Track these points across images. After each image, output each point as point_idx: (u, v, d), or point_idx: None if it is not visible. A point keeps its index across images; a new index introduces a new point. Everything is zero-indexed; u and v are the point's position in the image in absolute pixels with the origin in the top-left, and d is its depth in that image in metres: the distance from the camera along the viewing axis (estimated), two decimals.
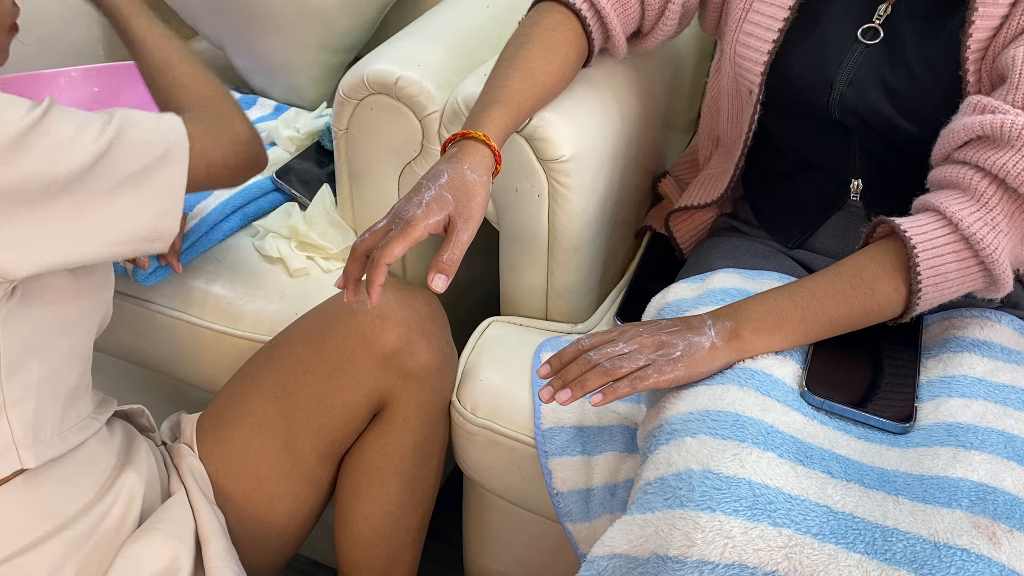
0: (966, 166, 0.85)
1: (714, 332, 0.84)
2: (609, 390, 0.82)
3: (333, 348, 0.97)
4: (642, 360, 0.82)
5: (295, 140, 1.35)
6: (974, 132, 0.84)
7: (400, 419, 1.00)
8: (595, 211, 1.07)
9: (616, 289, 1.22)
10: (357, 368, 0.97)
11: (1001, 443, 0.79)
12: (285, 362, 0.99)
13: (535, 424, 1.01)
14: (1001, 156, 0.82)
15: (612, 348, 0.83)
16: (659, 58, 1.19)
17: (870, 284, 0.85)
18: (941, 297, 0.86)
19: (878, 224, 0.89)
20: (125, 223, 0.80)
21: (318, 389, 0.97)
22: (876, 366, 0.90)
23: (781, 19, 0.98)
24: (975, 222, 0.83)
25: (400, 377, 0.98)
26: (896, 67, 0.94)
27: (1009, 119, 0.82)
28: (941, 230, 0.84)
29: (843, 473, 0.78)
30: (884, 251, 0.86)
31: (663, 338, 0.83)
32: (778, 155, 1.09)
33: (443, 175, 0.86)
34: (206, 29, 1.50)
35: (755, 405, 0.80)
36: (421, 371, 0.99)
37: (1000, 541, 0.71)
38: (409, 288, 1.02)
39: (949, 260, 0.84)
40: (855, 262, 0.87)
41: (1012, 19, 0.87)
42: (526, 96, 0.96)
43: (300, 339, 1.00)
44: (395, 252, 0.82)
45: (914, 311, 0.86)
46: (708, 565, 0.71)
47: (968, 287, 0.86)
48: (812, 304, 0.85)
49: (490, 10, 1.21)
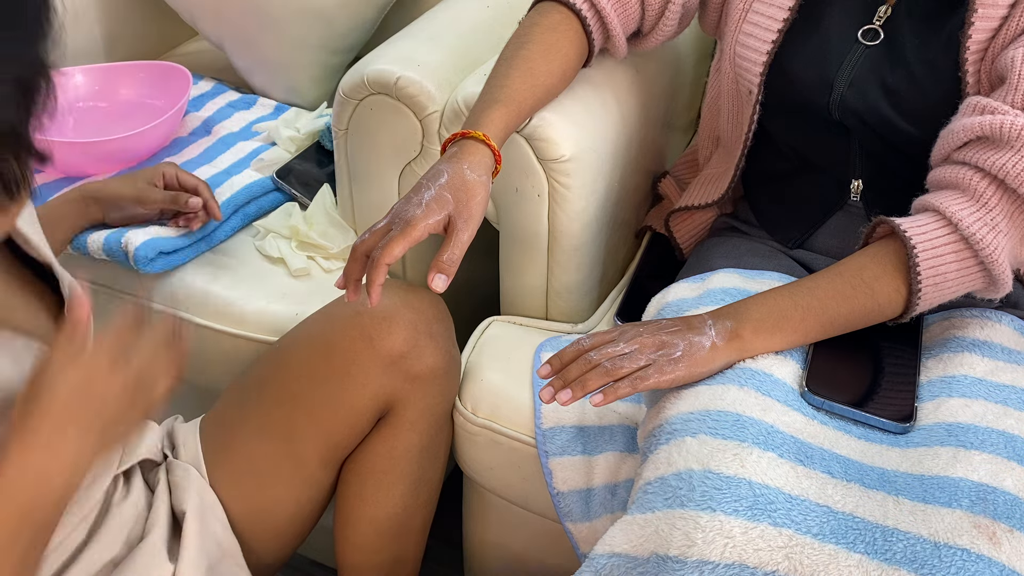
0: (966, 166, 0.85)
1: (714, 332, 0.84)
2: (610, 390, 0.82)
3: (338, 351, 0.95)
4: (643, 360, 0.82)
5: (295, 140, 1.35)
6: (974, 133, 0.84)
7: (407, 423, 0.99)
8: (595, 211, 1.07)
9: (616, 289, 1.22)
10: (363, 371, 0.95)
11: (1001, 443, 0.79)
12: (289, 365, 0.98)
13: (535, 424, 1.01)
14: (1000, 156, 0.82)
15: (613, 348, 0.83)
16: (659, 58, 1.19)
17: (870, 284, 0.85)
18: (941, 297, 0.86)
19: (878, 224, 0.89)
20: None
21: (323, 393, 0.96)
22: (876, 366, 0.90)
23: (781, 20, 0.98)
24: (975, 222, 0.83)
25: (406, 380, 0.97)
26: (896, 68, 0.94)
27: (1008, 120, 0.82)
28: (941, 230, 0.84)
29: (843, 473, 0.78)
30: (884, 251, 0.87)
31: (664, 338, 0.83)
32: (778, 155, 1.09)
33: (443, 175, 0.86)
34: (206, 29, 1.50)
35: (755, 405, 0.80)
36: (428, 374, 0.97)
37: (1000, 541, 0.71)
38: (415, 290, 1.00)
39: (949, 260, 0.84)
40: (855, 262, 0.87)
41: (1011, 20, 0.87)
42: (526, 96, 0.96)
43: (305, 342, 0.99)
44: (395, 252, 0.82)
45: (914, 311, 0.86)
46: (708, 565, 0.71)
47: (968, 287, 0.87)
48: (812, 304, 0.85)
49: (490, 10, 1.21)
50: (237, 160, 1.33)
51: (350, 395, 0.96)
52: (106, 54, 1.55)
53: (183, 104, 1.32)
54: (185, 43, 1.71)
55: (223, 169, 1.30)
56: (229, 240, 1.23)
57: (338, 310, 0.99)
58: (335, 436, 0.97)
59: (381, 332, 0.95)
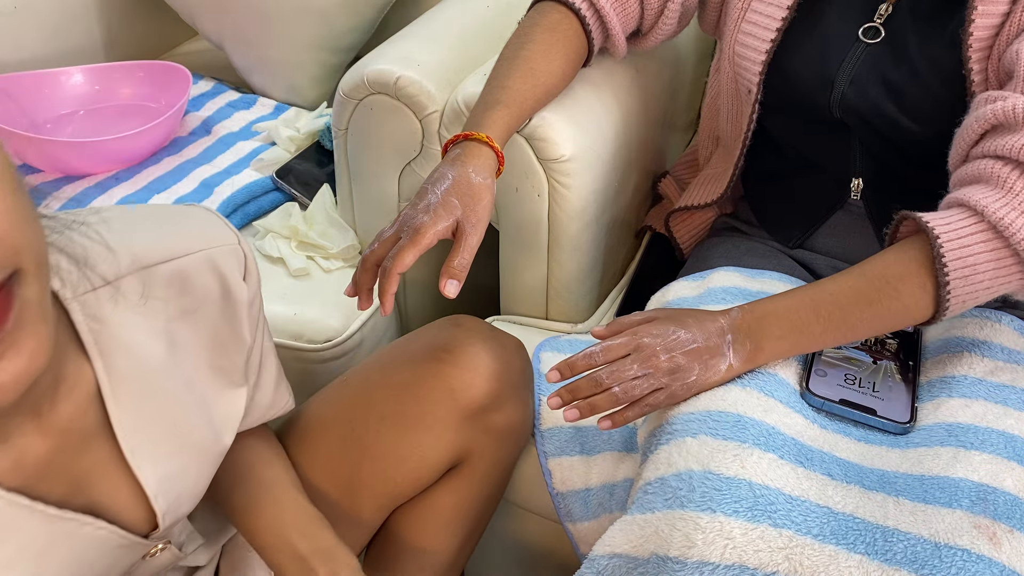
0: (984, 159, 0.82)
1: (732, 352, 0.82)
2: (618, 416, 0.82)
3: (413, 398, 0.88)
4: (655, 384, 0.81)
5: (295, 140, 1.35)
6: (987, 122, 0.82)
7: (479, 475, 0.92)
8: (595, 211, 1.07)
9: (616, 289, 1.21)
10: (440, 422, 0.88)
11: (1001, 443, 0.79)
12: (359, 404, 0.90)
13: (535, 424, 1.00)
14: (1018, 139, 0.79)
15: (625, 372, 0.81)
16: (659, 58, 1.19)
17: (895, 284, 0.81)
18: (974, 293, 0.80)
19: (901, 222, 0.85)
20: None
21: (393, 440, 0.88)
22: (877, 366, 0.90)
23: (780, 19, 0.98)
24: (1001, 207, 0.78)
25: (484, 433, 0.90)
26: (898, 66, 0.94)
27: (1021, 101, 0.79)
28: (967, 220, 0.80)
29: (843, 475, 0.78)
30: (908, 248, 0.82)
31: (680, 360, 0.81)
32: (778, 155, 1.09)
33: (448, 179, 0.86)
34: (206, 28, 1.50)
35: (757, 406, 0.80)
36: (507, 427, 0.92)
37: (1000, 541, 0.71)
38: (499, 336, 0.93)
39: (978, 251, 0.79)
40: (879, 262, 0.83)
41: (1013, 16, 0.86)
42: (527, 96, 0.96)
43: (376, 381, 0.91)
44: (406, 261, 0.82)
45: (946, 309, 0.80)
46: (708, 566, 0.71)
47: (1004, 283, 0.80)
48: (834, 313, 0.82)
49: (490, 10, 1.21)
50: (237, 160, 1.33)
51: (421, 445, 0.88)
52: (106, 54, 1.55)
53: (183, 104, 1.32)
54: (185, 43, 1.71)
55: (223, 169, 1.30)
56: None
57: (413, 350, 0.91)
58: (398, 485, 0.90)
59: (465, 383, 0.88)
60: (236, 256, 0.73)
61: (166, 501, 0.69)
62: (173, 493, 0.70)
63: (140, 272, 0.66)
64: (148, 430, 0.67)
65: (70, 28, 1.49)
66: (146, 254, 0.67)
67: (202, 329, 0.71)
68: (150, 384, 0.67)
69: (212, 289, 0.70)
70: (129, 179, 1.27)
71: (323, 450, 0.90)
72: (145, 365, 0.66)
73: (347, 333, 1.14)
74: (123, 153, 1.28)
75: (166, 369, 0.68)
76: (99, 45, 1.54)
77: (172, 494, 0.70)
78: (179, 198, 1.24)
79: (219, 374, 0.73)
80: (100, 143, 1.25)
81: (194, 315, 0.70)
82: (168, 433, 0.69)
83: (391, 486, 0.90)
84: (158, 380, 0.67)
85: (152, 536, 0.70)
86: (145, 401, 0.67)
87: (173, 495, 0.70)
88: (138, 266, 0.66)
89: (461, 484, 0.92)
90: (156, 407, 0.68)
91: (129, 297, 0.65)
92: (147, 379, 0.67)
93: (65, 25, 1.48)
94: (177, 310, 0.69)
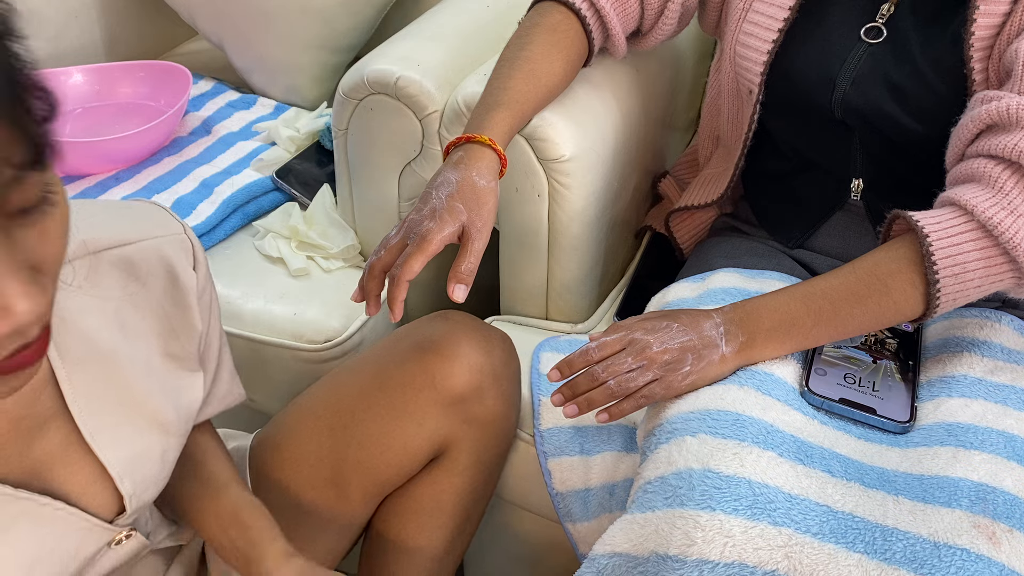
0: (979, 158, 0.83)
1: (725, 343, 0.83)
2: (615, 409, 0.83)
3: (398, 387, 0.90)
4: (650, 375, 0.82)
5: (295, 140, 1.35)
6: (982, 122, 0.82)
7: (459, 467, 0.94)
8: (595, 211, 1.07)
9: (616, 289, 1.22)
10: (421, 410, 0.90)
11: (1001, 443, 0.79)
12: (346, 394, 0.93)
13: (534, 424, 1.01)
14: (1011, 139, 0.80)
15: (619, 365, 0.82)
16: (659, 58, 1.19)
17: (884, 281, 0.82)
18: (965, 291, 0.81)
19: (893, 221, 0.87)
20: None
21: (377, 427, 0.91)
22: (876, 366, 0.90)
23: (781, 19, 0.98)
24: (991, 207, 0.79)
25: (464, 423, 0.92)
26: (901, 65, 0.94)
27: (1015, 101, 0.80)
28: (956, 219, 0.81)
29: (843, 473, 0.78)
30: (899, 246, 0.83)
31: (674, 352, 0.82)
32: (779, 155, 1.09)
33: (452, 183, 0.86)
34: (206, 29, 1.50)
35: (755, 404, 0.80)
36: (488, 418, 0.93)
37: (1000, 541, 0.71)
38: (483, 329, 0.95)
39: (968, 250, 0.80)
40: (870, 259, 0.85)
41: (1014, 16, 0.86)
42: (529, 97, 0.96)
43: (364, 373, 0.94)
44: (414, 268, 0.82)
45: (936, 307, 0.82)
46: (708, 564, 0.71)
47: (995, 281, 0.82)
48: (825, 308, 0.83)
49: (490, 10, 1.21)
50: (237, 160, 1.33)
51: (404, 433, 0.91)
52: (106, 54, 1.55)
53: (183, 104, 1.32)
54: (185, 43, 1.71)
55: (223, 169, 1.30)
56: (228, 239, 1.23)
57: (401, 343, 0.94)
58: (383, 473, 0.92)
59: (444, 372, 0.90)
60: (183, 245, 0.75)
61: (132, 483, 0.70)
62: (139, 475, 0.71)
63: (88, 257, 0.68)
64: (107, 413, 0.68)
65: (70, 28, 1.49)
66: (94, 241, 0.69)
67: (150, 315, 0.72)
68: (106, 367, 0.68)
69: (159, 276, 0.72)
70: (129, 179, 1.27)
71: (314, 441, 0.92)
72: (99, 348, 0.68)
73: (347, 333, 1.14)
74: (123, 153, 1.28)
75: (122, 353, 0.69)
76: (99, 45, 1.54)
77: (138, 475, 0.70)
78: (179, 198, 1.24)
79: (172, 360, 0.75)
80: (100, 143, 1.25)
81: (142, 301, 0.72)
82: (129, 415, 0.70)
83: (376, 474, 0.92)
84: (114, 363, 0.69)
85: (117, 521, 0.70)
86: (102, 384, 0.68)
87: (139, 476, 0.71)
88: (85, 251, 0.68)
89: (442, 475, 0.94)
90: (114, 390, 0.69)
91: (76, 280, 0.68)
92: (102, 362, 0.68)
93: (65, 25, 1.48)
94: (125, 295, 0.71)
